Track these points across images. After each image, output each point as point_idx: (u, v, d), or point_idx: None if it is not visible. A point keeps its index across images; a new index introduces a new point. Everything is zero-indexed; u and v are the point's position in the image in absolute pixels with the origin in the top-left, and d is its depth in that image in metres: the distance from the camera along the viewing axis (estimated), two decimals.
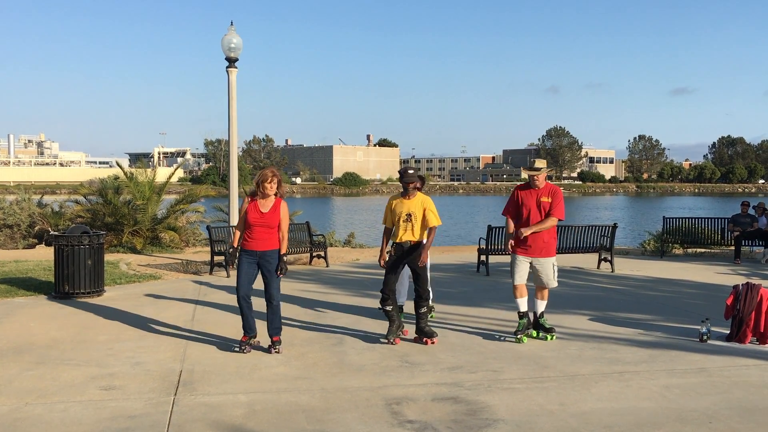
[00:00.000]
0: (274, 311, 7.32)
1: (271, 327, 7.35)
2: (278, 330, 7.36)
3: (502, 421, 5.32)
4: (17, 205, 19.10)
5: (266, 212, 7.21)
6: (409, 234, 7.61)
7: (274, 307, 7.31)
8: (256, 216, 7.19)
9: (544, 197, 7.68)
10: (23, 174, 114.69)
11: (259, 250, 7.22)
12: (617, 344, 7.69)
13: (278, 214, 7.23)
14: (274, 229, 7.26)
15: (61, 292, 10.29)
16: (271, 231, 7.25)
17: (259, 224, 7.19)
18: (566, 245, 13.83)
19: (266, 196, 7.24)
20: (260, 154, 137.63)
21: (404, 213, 7.61)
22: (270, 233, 7.24)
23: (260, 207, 7.23)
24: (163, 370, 6.61)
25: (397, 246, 7.67)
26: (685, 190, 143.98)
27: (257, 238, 7.22)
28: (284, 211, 7.31)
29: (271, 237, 7.25)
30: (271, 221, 7.20)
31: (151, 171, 18.67)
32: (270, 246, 7.25)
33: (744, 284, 7.98)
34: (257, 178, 7.28)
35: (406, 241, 7.61)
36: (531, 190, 7.77)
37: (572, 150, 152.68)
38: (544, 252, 7.74)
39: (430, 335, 7.68)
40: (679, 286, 11.89)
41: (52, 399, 5.77)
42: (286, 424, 5.23)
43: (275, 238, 7.28)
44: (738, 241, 15.48)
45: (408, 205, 7.63)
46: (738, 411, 5.56)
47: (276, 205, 7.25)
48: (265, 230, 7.21)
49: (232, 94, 14.95)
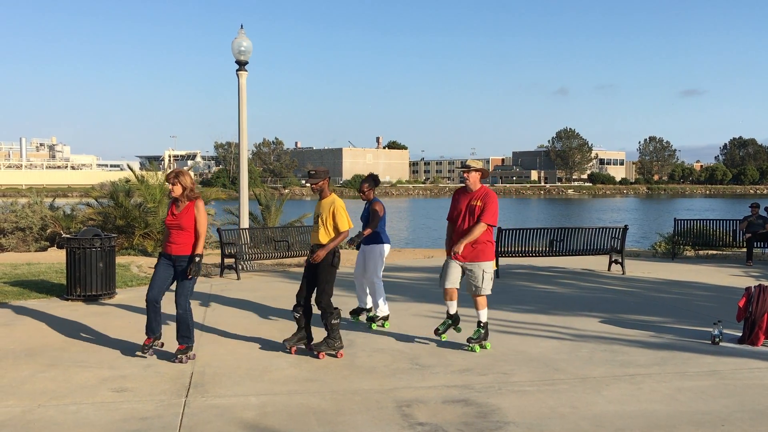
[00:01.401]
0: (178, 318, 7.06)
1: (177, 333, 7.11)
2: (185, 338, 7.06)
3: (512, 423, 5.31)
4: (29, 208, 19.23)
5: (179, 213, 6.98)
6: (315, 237, 7.31)
7: (179, 314, 7.05)
8: (169, 218, 7.02)
9: (476, 200, 7.25)
10: (35, 177, 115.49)
11: (173, 254, 7.00)
12: (628, 346, 7.66)
13: (192, 215, 6.96)
14: (188, 232, 6.98)
15: (73, 294, 10.35)
16: (185, 234, 6.97)
17: (173, 226, 6.98)
18: (577, 247, 13.80)
19: (178, 200, 7.01)
20: (270, 156, 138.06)
21: (315, 215, 7.38)
22: (183, 236, 6.97)
23: (174, 208, 7.04)
24: (175, 372, 6.64)
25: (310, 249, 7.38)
26: (697, 191, 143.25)
27: (172, 241, 7.01)
28: (200, 211, 7.01)
29: (185, 241, 6.98)
30: (183, 222, 6.94)
31: (161, 174, 18.76)
32: (183, 251, 6.98)
33: (756, 286, 7.93)
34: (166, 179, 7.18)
35: (315, 243, 7.31)
36: (466, 192, 7.37)
37: (582, 152, 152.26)
38: (473, 256, 7.28)
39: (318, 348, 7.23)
40: (690, 289, 11.83)
41: (65, 401, 5.80)
42: (298, 426, 5.24)
43: (189, 242, 6.99)
44: (750, 243, 15.39)
45: (318, 207, 7.38)
46: (751, 414, 5.52)
47: (189, 206, 6.99)
48: (178, 233, 6.97)
49: (242, 97, 15.00)
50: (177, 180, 6.99)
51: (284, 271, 14.02)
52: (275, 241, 14.06)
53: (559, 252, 13.76)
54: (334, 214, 7.20)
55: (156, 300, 7.08)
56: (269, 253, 13.74)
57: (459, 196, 7.45)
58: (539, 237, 13.97)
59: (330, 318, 7.20)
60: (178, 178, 6.99)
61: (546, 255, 13.94)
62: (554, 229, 14.22)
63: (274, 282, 12.56)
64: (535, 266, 14.73)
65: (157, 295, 7.09)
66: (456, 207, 7.41)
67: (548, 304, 10.34)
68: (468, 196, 7.36)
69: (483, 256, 7.34)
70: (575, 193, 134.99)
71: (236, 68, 14.86)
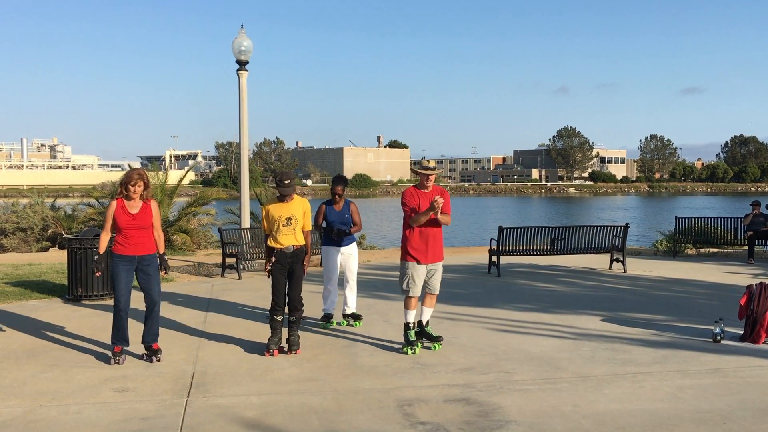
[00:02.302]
0: (155, 315, 7.06)
1: (149, 334, 7.08)
2: (156, 336, 7.10)
3: (514, 422, 5.30)
4: (31, 209, 19.25)
5: (137, 213, 6.89)
6: (290, 238, 7.26)
7: (156, 311, 7.06)
8: (126, 219, 6.85)
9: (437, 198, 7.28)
10: (36, 177, 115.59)
11: (136, 255, 6.93)
12: (630, 345, 7.66)
13: (150, 214, 6.94)
14: (148, 231, 6.97)
15: (75, 294, 10.36)
16: (147, 233, 6.96)
17: (132, 227, 6.86)
18: (578, 246, 13.79)
19: (131, 199, 6.89)
20: (271, 156, 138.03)
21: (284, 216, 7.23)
22: (146, 236, 6.96)
23: (128, 209, 6.88)
24: (176, 372, 6.64)
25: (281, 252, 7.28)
26: (698, 189, 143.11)
27: (134, 242, 6.90)
28: (155, 210, 7.00)
29: (148, 241, 6.97)
30: (143, 222, 6.90)
31: (162, 174, 18.80)
32: (148, 250, 6.97)
33: (758, 284, 7.93)
34: (122, 179, 6.94)
35: (292, 245, 7.27)
36: (423, 192, 7.31)
37: (583, 150, 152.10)
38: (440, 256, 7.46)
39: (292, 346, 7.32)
40: (691, 287, 11.82)
41: (66, 401, 5.81)
42: (299, 426, 5.24)
43: (151, 241, 7.01)
44: (751, 240, 15.37)
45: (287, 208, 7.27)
46: (753, 412, 5.52)
47: (146, 206, 6.94)
48: (139, 232, 6.90)
49: (243, 96, 15.00)
50: (142, 180, 6.89)
51: None
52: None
53: (560, 250, 13.75)
54: (305, 215, 7.34)
55: (127, 305, 7.02)
56: None
57: (420, 196, 7.30)
58: (540, 235, 13.97)
59: (302, 312, 7.42)
60: (143, 178, 6.91)
61: (547, 253, 13.94)
62: (555, 228, 14.21)
63: None
64: (537, 265, 14.72)
65: (128, 300, 7.03)
66: (421, 207, 7.25)
67: (549, 302, 10.34)
68: (428, 195, 7.29)
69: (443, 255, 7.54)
70: (576, 192, 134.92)
71: (237, 68, 14.86)
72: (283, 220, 7.22)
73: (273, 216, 7.25)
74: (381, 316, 9.25)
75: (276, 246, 7.27)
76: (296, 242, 7.29)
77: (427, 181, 7.28)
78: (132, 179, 6.85)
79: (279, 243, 7.26)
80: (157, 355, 7.06)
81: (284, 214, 7.23)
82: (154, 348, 7.10)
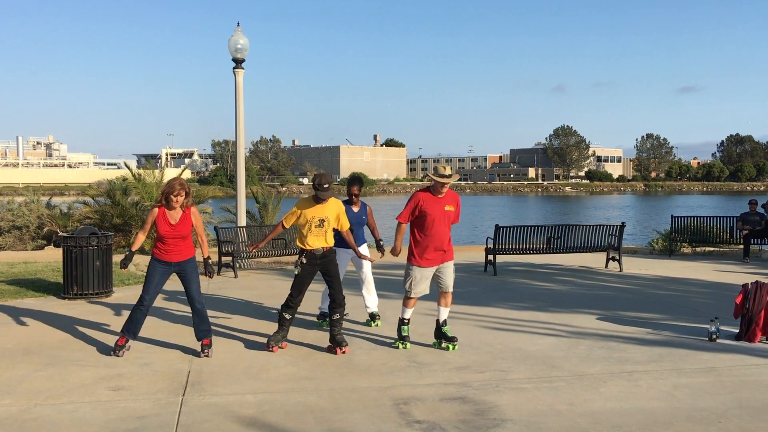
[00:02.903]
0: (200, 313, 7.18)
1: (199, 330, 7.19)
2: (207, 332, 7.19)
3: (510, 421, 5.31)
4: (26, 207, 19.19)
5: (176, 224, 6.99)
6: (320, 240, 7.24)
7: (199, 309, 7.17)
8: (167, 228, 6.97)
9: (448, 205, 7.31)
10: (32, 176, 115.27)
11: (173, 261, 7.08)
12: (626, 343, 7.67)
13: (189, 224, 7.05)
14: (188, 239, 7.11)
15: (70, 293, 10.33)
16: (186, 241, 7.10)
17: (171, 236, 7.00)
18: (574, 244, 13.81)
19: (173, 208, 7.00)
20: (267, 154, 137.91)
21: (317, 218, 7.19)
22: (186, 244, 7.11)
23: (169, 218, 6.99)
24: (172, 371, 6.63)
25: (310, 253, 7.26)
26: (694, 188, 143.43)
27: (172, 250, 7.06)
28: (196, 216, 7.13)
29: (187, 247, 7.12)
30: (183, 231, 7.02)
31: (159, 172, 18.75)
32: (186, 256, 7.12)
33: (753, 283, 7.94)
34: (164, 189, 7.01)
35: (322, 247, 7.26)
36: (435, 197, 7.28)
37: (580, 149, 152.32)
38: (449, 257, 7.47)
39: (340, 344, 7.29)
40: (687, 285, 11.84)
41: (62, 400, 5.79)
42: (295, 424, 5.24)
43: (190, 246, 7.17)
44: (747, 239, 15.40)
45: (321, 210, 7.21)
46: (748, 410, 5.53)
47: (186, 215, 7.04)
48: (178, 242, 7.05)
49: (239, 94, 14.97)
50: (183, 190, 6.96)
51: (281, 269, 14.01)
52: (272, 239, 14.04)
53: (556, 249, 13.77)
54: (340, 216, 7.32)
55: (150, 306, 7.20)
56: (266, 251, 13.73)
57: (430, 201, 7.26)
58: (537, 234, 13.99)
59: (344, 309, 7.45)
60: (185, 188, 6.99)
61: (543, 252, 13.96)
62: (552, 227, 14.23)
63: (271, 280, 12.55)
64: (533, 263, 14.74)
65: (152, 301, 7.21)
66: (427, 211, 7.24)
67: (546, 301, 10.34)
68: (441, 200, 7.28)
69: (453, 255, 7.59)
70: (573, 191, 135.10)
71: (233, 66, 14.84)
72: (315, 221, 7.15)
73: (306, 217, 7.18)
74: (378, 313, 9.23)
75: (306, 247, 7.24)
76: (326, 244, 7.26)
77: (442, 188, 7.24)
78: (174, 190, 6.91)
79: (309, 244, 7.21)
80: (205, 350, 7.14)
81: (317, 216, 7.16)
82: (204, 343, 7.19)
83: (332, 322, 7.35)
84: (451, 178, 7.22)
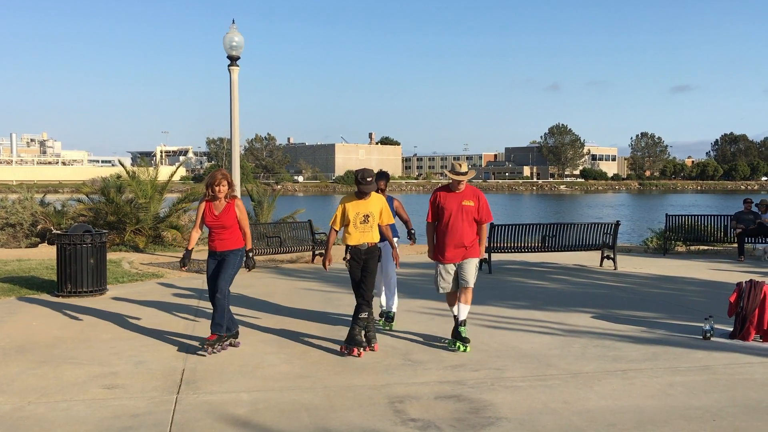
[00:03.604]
0: (216, 303, 7.17)
1: (212, 323, 7.19)
2: (218, 327, 7.15)
3: (505, 419, 5.31)
4: (20, 204, 19.10)
5: (219, 214, 7.19)
6: (367, 236, 7.22)
7: (218, 298, 7.17)
8: (210, 218, 7.19)
9: (467, 201, 7.34)
10: (26, 173, 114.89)
11: (218, 251, 7.24)
12: (620, 342, 7.68)
13: (233, 214, 7.21)
14: (231, 229, 7.23)
15: (64, 290, 10.30)
16: (229, 231, 7.22)
17: (214, 226, 7.20)
18: (569, 243, 13.82)
19: (217, 199, 7.18)
20: (262, 152, 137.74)
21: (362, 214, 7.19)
22: (228, 233, 7.22)
23: (214, 209, 7.21)
24: (166, 369, 6.61)
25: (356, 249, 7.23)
26: (688, 187, 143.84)
27: (217, 239, 7.24)
28: (240, 208, 7.28)
29: (229, 237, 7.23)
30: (226, 222, 7.18)
31: (153, 169, 18.66)
32: (229, 246, 7.23)
33: (747, 281, 7.96)
34: (207, 180, 7.21)
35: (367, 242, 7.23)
36: (452, 193, 7.38)
37: (574, 147, 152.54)
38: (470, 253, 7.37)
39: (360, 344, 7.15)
40: (682, 284, 11.87)
41: (55, 398, 5.77)
42: (289, 423, 5.23)
43: (234, 238, 7.26)
44: (741, 238, 15.44)
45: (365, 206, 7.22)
46: (742, 408, 5.54)
47: (230, 206, 7.21)
48: (222, 231, 7.21)
49: (234, 92, 14.93)
50: (225, 180, 7.15)
51: (276, 268, 13.99)
52: (267, 237, 14.03)
53: (551, 248, 13.78)
54: (383, 211, 7.33)
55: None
56: (261, 249, 13.71)
57: (446, 197, 7.36)
58: (532, 233, 13.99)
59: (371, 307, 7.37)
60: (227, 178, 7.18)
61: (538, 251, 13.97)
62: (546, 225, 14.24)
63: (266, 278, 12.53)
64: (528, 262, 14.75)
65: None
66: (446, 208, 7.31)
67: (540, 299, 10.35)
68: (458, 196, 7.34)
69: (477, 252, 7.44)
70: (567, 189, 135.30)
71: (228, 63, 14.80)
72: (360, 217, 7.19)
73: (350, 213, 7.20)
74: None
75: (351, 243, 7.24)
76: (372, 240, 7.27)
77: (458, 184, 7.32)
78: (216, 179, 7.11)
79: (354, 240, 7.24)
80: (204, 346, 7.10)
81: (362, 212, 7.20)
82: (209, 338, 7.17)
83: (355, 320, 7.22)
84: (466, 175, 7.32)
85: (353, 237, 7.21)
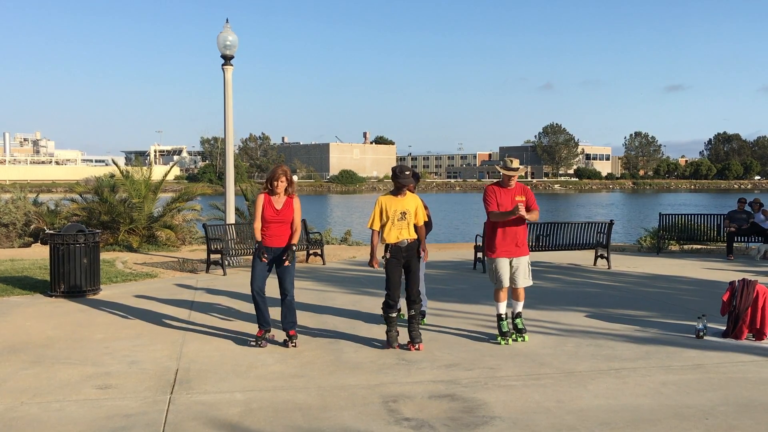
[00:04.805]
0: (288, 306, 7.43)
1: (285, 321, 7.45)
2: (293, 324, 7.46)
3: (498, 418, 5.31)
4: (13, 204, 19.02)
5: (281, 209, 7.37)
6: (403, 233, 7.33)
7: (288, 302, 7.42)
8: (271, 213, 7.34)
9: (518, 196, 7.59)
10: (19, 172, 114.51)
11: (274, 246, 7.37)
12: (614, 341, 7.69)
13: (292, 210, 7.40)
14: (288, 225, 7.41)
15: (57, 290, 10.26)
16: (286, 227, 7.41)
17: (275, 221, 7.35)
18: (563, 242, 13.83)
19: (276, 194, 7.37)
20: (257, 151, 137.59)
21: (399, 211, 7.32)
22: (285, 229, 7.41)
23: (274, 204, 7.38)
24: (159, 369, 6.59)
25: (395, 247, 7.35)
26: (681, 186, 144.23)
27: (274, 234, 7.37)
28: (297, 207, 7.47)
29: (285, 233, 7.42)
30: (286, 217, 7.37)
31: (147, 169, 18.62)
32: (282, 243, 7.41)
33: (740, 280, 7.99)
34: (268, 176, 7.42)
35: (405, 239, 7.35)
36: (505, 189, 7.64)
37: (568, 147, 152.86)
38: (522, 251, 7.63)
39: (414, 340, 7.32)
40: (675, 283, 11.90)
41: (48, 398, 5.75)
42: (283, 423, 5.22)
43: (287, 234, 7.43)
44: (730, 237, 15.47)
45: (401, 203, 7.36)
46: (735, 407, 5.56)
47: (289, 202, 7.41)
48: (280, 226, 7.38)
49: (228, 91, 14.91)
50: (285, 176, 7.33)
51: None
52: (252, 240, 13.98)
53: (545, 247, 13.80)
54: (418, 210, 7.42)
55: (261, 290, 7.39)
56: None
57: (500, 193, 7.60)
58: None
59: (421, 305, 7.49)
60: (287, 174, 7.36)
61: (532, 249, 13.95)
62: (540, 224, 14.24)
63: None
64: None
65: (262, 285, 7.42)
66: (501, 204, 7.53)
67: (534, 298, 10.35)
68: (510, 192, 7.59)
69: (527, 250, 7.73)
70: (561, 188, 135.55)
71: (222, 63, 14.77)
72: (398, 214, 7.28)
73: (388, 211, 7.29)
74: (367, 312, 9.23)
75: (391, 241, 7.30)
76: (410, 236, 7.35)
77: (509, 180, 7.55)
78: (276, 175, 7.34)
79: (393, 238, 7.30)
80: (292, 341, 7.40)
81: (399, 209, 7.30)
82: (289, 334, 7.43)
83: (410, 318, 7.39)
84: (518, 171, 7.59)
85: (392, 234, 7.30)
